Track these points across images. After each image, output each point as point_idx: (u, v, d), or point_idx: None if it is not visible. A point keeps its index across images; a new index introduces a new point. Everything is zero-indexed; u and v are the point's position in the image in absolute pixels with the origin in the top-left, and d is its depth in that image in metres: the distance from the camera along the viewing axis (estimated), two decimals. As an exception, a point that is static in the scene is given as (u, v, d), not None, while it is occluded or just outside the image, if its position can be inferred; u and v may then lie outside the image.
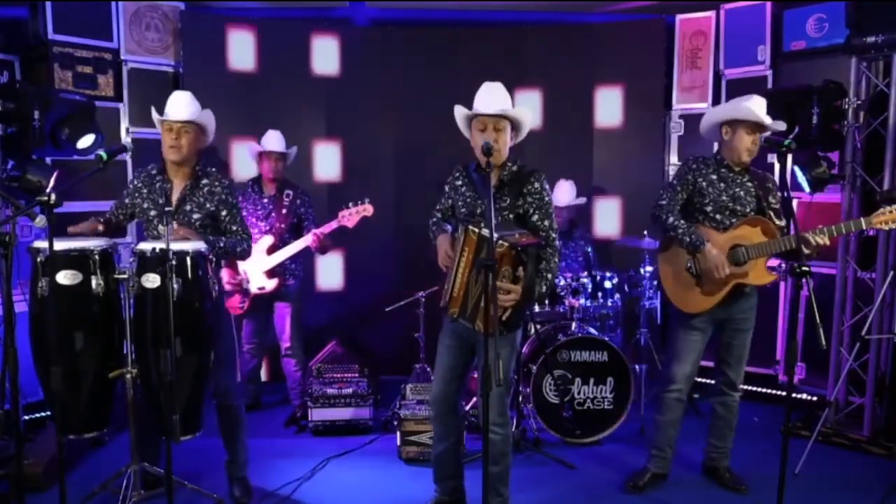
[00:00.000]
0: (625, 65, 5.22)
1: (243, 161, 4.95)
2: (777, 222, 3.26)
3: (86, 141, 4.02)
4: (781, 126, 3.33)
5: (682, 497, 3.45)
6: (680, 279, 3.36)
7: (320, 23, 5.28)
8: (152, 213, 3.21)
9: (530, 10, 5.29)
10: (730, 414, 3.48)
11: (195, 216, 3.18)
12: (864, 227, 3.13)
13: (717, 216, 3.29)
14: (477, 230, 2.69)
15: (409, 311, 4.57)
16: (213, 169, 3.32)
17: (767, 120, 3.22)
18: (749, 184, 3.31)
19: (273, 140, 4.40)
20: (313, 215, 4.42)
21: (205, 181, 3.24)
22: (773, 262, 4.87)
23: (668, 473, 3.55)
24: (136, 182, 3.30)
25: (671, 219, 3.27)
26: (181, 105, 3.17)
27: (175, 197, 3.19)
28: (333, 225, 4.25)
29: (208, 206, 3.21)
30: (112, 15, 4.67)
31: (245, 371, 4.67)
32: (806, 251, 3.09)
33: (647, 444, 3.64)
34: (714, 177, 3.31)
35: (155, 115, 3.21)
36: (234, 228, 3.28)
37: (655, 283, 4.48)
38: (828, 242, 3.12)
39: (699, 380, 4.15)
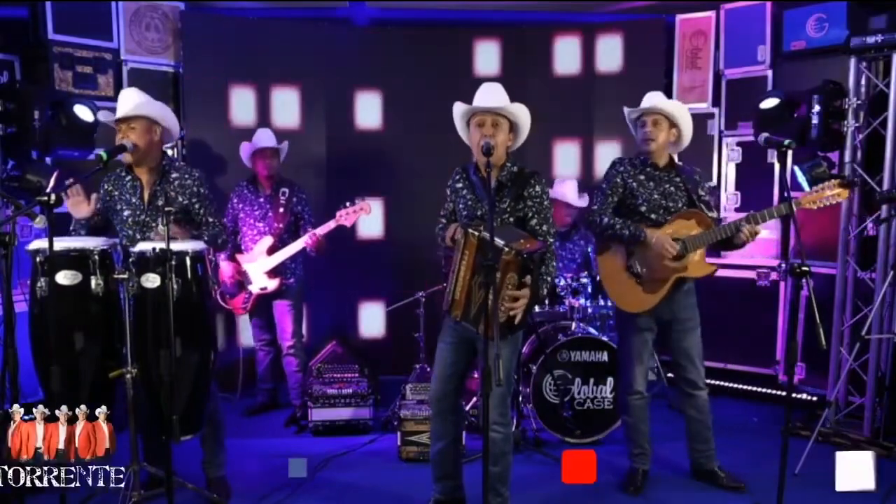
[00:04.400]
0: (625, 65, 5.21)
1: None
2: (710, 214, 3.30)
3: (83, 110, 4.09)
4: (658, 98, 3.35)
5: (682, 497, 3.45)
6: (621, 280, 3.38)
7: (320, 23, 5.28)
8: (126, 213, 3.18)
9: (530, 10, 5.28)
10: (702, 414, 3.47)
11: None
12: (793, 210, 2.98)
13: (653, 215, 3.32)
14: (477, 233, 2.68)
15: (409, 310, 4.57)
16: (183, 163, 3.29)
17: (646, 102, 3.31)
18: (676, 179, 3.35)
19: (265, 137, 4.41)
20: (310, 213, 4.42)
21: (174, 174, 3.21)
22: (773, 262, 4.89)
23: (650, 468, 3.57)
24: (106, 186, 3.25)
25: (606, 219, 3.30)
26: (123, 102, 3.14)
27: (146, 194, 3.18)
28: (331, 225, 4.25)
29: (180, 199, 3.18)
30: (112, 15, 4.68)
31: (260, 370, 4.68)
32: (742, 238, 3.15)
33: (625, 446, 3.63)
34: (642, 177, 3.35)
35: (106, 118, 3.19)
36: (211, 220, 3.27)
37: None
38: (760, 230, 3.18)
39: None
